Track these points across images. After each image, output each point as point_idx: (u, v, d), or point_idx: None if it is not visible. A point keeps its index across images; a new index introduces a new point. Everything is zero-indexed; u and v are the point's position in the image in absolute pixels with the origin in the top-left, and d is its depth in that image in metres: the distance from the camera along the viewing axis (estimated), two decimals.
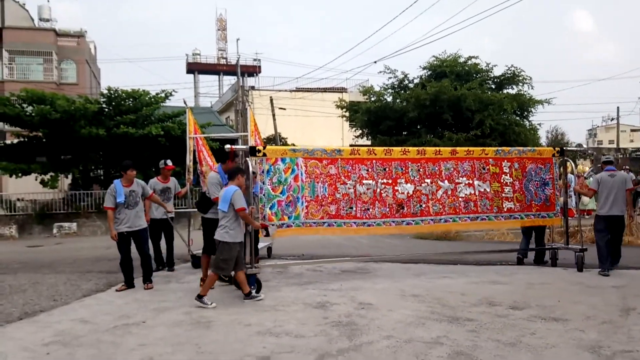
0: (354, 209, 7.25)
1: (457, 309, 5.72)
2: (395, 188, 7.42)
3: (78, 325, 5.30)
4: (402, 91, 24.23)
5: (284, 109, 28.91)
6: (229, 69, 50.24)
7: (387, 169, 7.42)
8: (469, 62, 24.19)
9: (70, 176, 19.73)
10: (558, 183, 8.34)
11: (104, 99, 18.96)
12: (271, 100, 28.50)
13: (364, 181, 7.30)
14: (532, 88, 23.86)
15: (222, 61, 53.86)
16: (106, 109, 18.45)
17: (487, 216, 7.93)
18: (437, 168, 7.65)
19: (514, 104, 22.09)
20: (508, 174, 7.99)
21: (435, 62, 24.20)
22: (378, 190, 7.35)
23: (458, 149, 8.13)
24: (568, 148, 12.03)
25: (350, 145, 32.62)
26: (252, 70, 46.11)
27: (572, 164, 9.26)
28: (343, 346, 4.51)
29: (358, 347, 4.47)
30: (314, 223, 7.13)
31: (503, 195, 7.95)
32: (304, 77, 41.09)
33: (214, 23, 55.63)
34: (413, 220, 7.55)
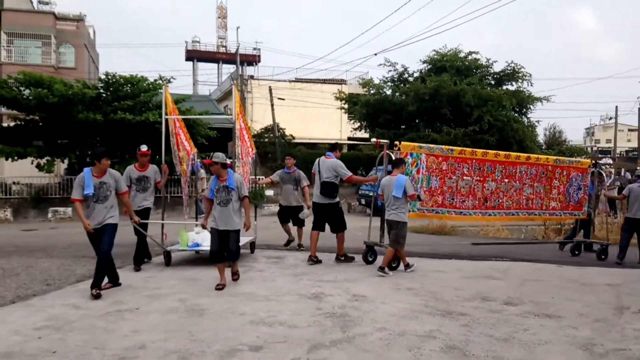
0: (455, 200, 8.57)
1: (450, 303, 5.73)
2: (484, 185, 8.79)
3: (71, 310, 5.28)
4: (402, 84, 24.21)
5: (283, 99, 28.81)
6: (228, 58, 49.96)
7: (481, 168, 8.76)
8: (470, 57, 24.16)
9: (66, 161, 19.63)
10: (589, 189, 9.89)
11: (102, 84, 18.84)
12: (270, 90, 28.39)
13: (465, 177, 8.63)
14: (531, 85, 23.91)
15: (222, 49, 53.57)
16: (104, 94, 18.34)
17: (538, 212, 9.41)
18: (514, 170, 9.01)
19: (513, 100, 22.09)
20: (557, 179, 9.46)
21: (435, 57, 24.15)
22: (473, 185, 8.69)
23: (531, 155, 9.85)
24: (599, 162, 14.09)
25: (349, 138, 32.66)
26: (252, 60, 45.89)
27: (604, 174, 11.07)
28: (336, 337, 4.50)
29: (351, 339, 4.47)
30: (426, 210, 8.43)
31: (550, 195, 9.43)
32: (303, 67, 40.94)
33: (214, 11, 55.25)
34: (492, 212, 8.98)
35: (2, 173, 22.27)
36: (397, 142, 8.27)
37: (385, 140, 8.53)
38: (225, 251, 6.48)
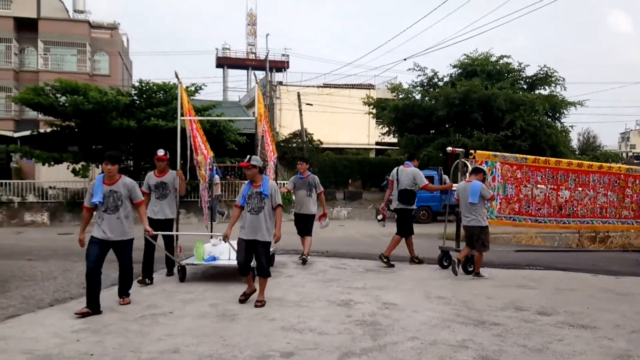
0: (531, 208, 8.83)
1: (483, 313, 5.65)
2: (558, 193, 9.02)
3: (106, 314, 5.41)
4: (431, 89, 24.00)
5: (311, 104, 28.92)
6: (257, 64, 50.45)
7: (554, 177, 8.99)
8: (501, 61, 23.80)
9: (100, 166, 20.13)
10: None
11: (136, 91, 19.29)
12: (298, 95, 28.56)
13: (539, 185, 8.88)
14: (564, 89, 23.41)
15: (251, 56, 54.16)
16: (137, 101, 18.77)
17: (611, 221, 9.59)
18: (587, 179, 9.23)
19: (546, 105, 21.65)
20: (630, 188, 9.64)
21: (466, 61, 23.89)
22: (547, 193, 8.94)
23: (603, 164, 10.13)
24: None
25: (377, 143, 32.55)
26: (280, 66, 46.23)
27: None
28: (367, 345, 4.50)
29: (382, 347, 4.45)
30: (504, 217, 8.71)
31: (623, 204, 9.60)
32: (331, 73, 41.00)
33: (244, 18, 55.86)
34: (567, 220, 9.20)
35: (38, 178, 23.02)
36: (472, 151, 8.69)
37: (461, 149, 8.97)
38: (254, 265, 6.02)
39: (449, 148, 9.01)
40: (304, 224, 8.73)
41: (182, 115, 7.67)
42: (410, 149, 24.12)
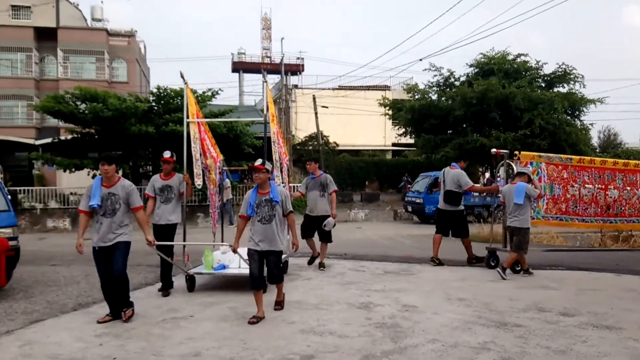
0: (578, 207, 8.92)
1: (504, 314, 5.59)
2: (607, 192, 9.09)
3: None
4: (448, 89, 23.88)
5: (327, 107, 28.95)
6: (273, 68, 50.59)
7: (601, 176, 9.07)
8: (518, 59, 23.59)
9: (120, 172, 20.41)
10: None
11: (154, 98, 19.54)
12: (314, 98, 28.60)
13: (586, 185, 8.97)
14: (583, 87, 23.09)
15: (267, 60, 54.34)
16: (155, 107, 19.01)
17: None
18: (634, 178, 9.29)
19: (564, 103, 21.38)
20: None
21: (482, 60, 23.72)
22: (595, 193, 9.00)
23: None
24: None
25: (393, 144, 32.44)
26: (296, 69, 46.34)
27: None
28: (387, 348, 4.47)
29: (403, 350, 4.43)
30: (550, 217, 8.82)
31: None
32: (347, 75, 40.93)
33: (259, 22, 56.20)
34: (614, 220, 9.32)
35: (60, 184, 23.40)
36: (516, 152, 8.80)
37: (505, 150, 9.05)
38: (266, 275, 5.62)
39: (494, 150, 9.11)
40: (318, 228, 8.20)
41: (188, 117, 7.26)
42: (427, 150, 24.03)
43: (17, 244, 6.76)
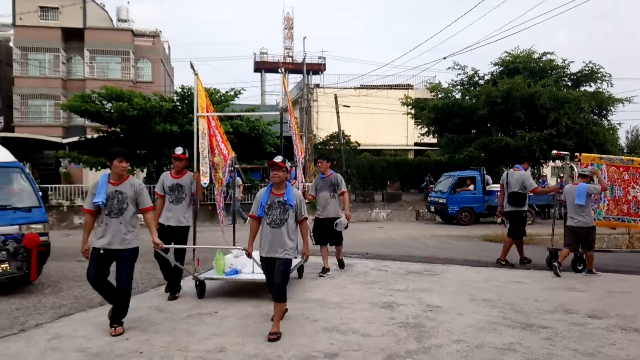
0: None
1: (530, 315, 5.51)
2: None
3: (154, 313, 5.55)
4: (472, 88, 23.58)
5: (348, 106, 28.89)
6: (294, 68, 50.66)
7: None
8: (544, 57, 23.15)
9: (145, 170, 20.69)
10: None
11: (178, 97, 19.74)
12: (335, 97, 28.56)
13: None
14: (611, 85, 22.52)
15: (288, 59, 54.50)
16: (179, 107, 19.20)
17: None
18: None
19: (592, 102, 20.93)
20: None
21: (507, 58, 23.36)
22: None
23: None
24: None
25: (415, 144, 32.21)
26: (317, 68, 46.36)
27: None
28: (411, 348, 4.45)
29: (427, 350, 4.40)
30: (612, 218, 8.86)
31: None
32: (369, 74, 40.71)
33: (281, 22, 56.40)
34: None
35: (86, 182, 23.85)
36: (577, 154, 8.91)
37: (566, 152, 9.17)
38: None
39: (554, 151, 9.24)
40: (330, 231, 7.75)
41: (198, 111, 6.71)
42: (451, 149, 23.79)
43: (47, 240, 6.88)
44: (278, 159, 4.93)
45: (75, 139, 22.81)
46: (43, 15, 32.89)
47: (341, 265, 8.24)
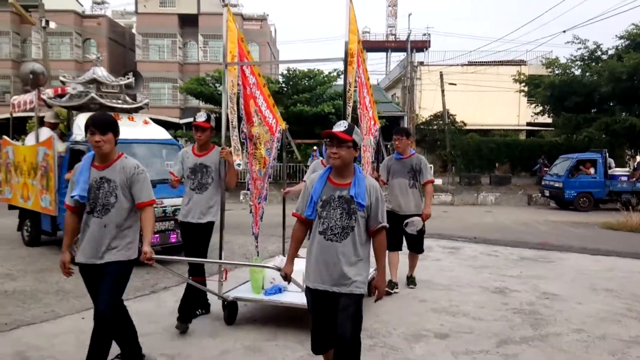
0: None
1: None
2: None
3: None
4: (594, 63, 21.69)
5: (454, 84, 27.83)
6: (397, 46, 49.86)
7: None
8: None
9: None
10: None
11: (283, 79, 20.31)
12: (441, 75, 27.68)
13: None
14: None
15: (391, 37, 53.68)
16: (285, 88, 19.76)
17: None
18: None
19: None
20: None
21: (635, 31, 21.12)
22: None
23: None
24: None
25: (528, 124, 30.40)
26: (422, 46, 45.14)
27: None
28: (527, 334, 4.31)
29: (544, 337, 4.23)
30: None
31: None
32: (477, 50, 38.91)
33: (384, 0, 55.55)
34: None
35: None
36: None
37: None
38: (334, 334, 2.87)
39: None
40: (406, 231, 5.55)
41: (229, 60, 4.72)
42: (568, 130, 22.25)
43: None
44: (340, 126, 2.88)
45: (191, 119, 24.31)
46: (162, 2, 35.24)
47: (412, 282, 5.92)
